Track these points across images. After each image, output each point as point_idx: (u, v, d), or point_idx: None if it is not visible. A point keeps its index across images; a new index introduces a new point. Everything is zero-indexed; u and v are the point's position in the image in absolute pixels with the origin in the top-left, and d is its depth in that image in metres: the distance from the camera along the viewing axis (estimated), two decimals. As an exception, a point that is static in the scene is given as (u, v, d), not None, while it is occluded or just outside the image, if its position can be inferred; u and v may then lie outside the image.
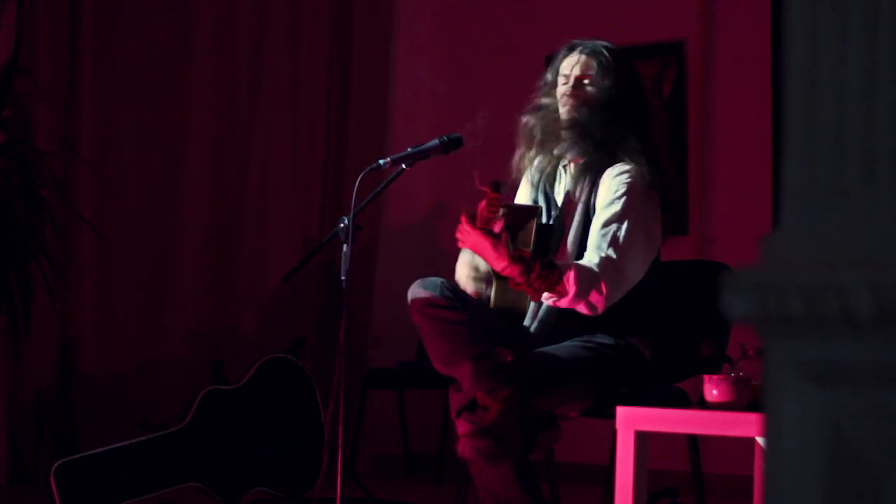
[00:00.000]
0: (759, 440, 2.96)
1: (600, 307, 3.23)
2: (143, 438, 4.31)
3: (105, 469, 4.21)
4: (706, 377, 2.94)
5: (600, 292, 3.20)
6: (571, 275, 3.17)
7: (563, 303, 3.21)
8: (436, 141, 3.41)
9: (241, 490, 4.51)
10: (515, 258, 3.15)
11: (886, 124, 0.99)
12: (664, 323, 3.50)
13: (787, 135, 1.05)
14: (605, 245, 3.25)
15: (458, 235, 3.22)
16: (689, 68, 5.71)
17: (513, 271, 3.15)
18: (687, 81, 5.71)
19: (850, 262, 0.98)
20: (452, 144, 3.41)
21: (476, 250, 3.23)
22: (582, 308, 3.22)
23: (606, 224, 3.28)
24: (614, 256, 3.23)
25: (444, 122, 4.45)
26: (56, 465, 4.15)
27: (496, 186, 3.19)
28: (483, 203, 3.19)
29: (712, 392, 2.91)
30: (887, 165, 1.00)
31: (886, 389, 0.97)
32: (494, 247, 3.15)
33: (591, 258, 3.25)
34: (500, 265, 3.17)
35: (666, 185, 3.43)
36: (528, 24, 6.15)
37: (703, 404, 2.95)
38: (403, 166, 3.42)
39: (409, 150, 3.42)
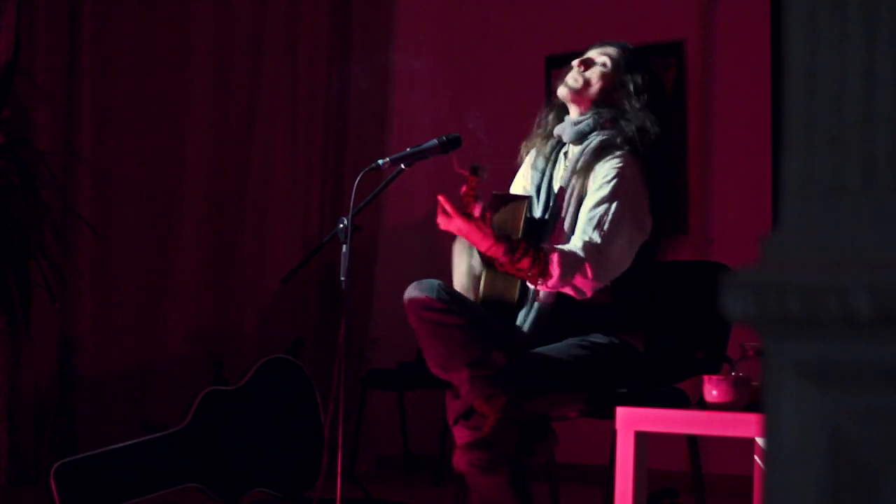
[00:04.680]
0: (759, 440, 2.96)
1: (588, 291, 3.25)
2: (143, 439, 4.31)
3: (105, 469, 4.21)
4: (706, 377, 2.94)
5: (585, 276, 3.22)
6: (555, 257, 3.19)
7: (550, 285, 3.22)
8: (435, 141, 3.41)
9: (241, 490, 4.51)
10: (500, 237, 3.18)
11: (886, 124, 0.99)
12: (657, 316, 3.50)
13: (786, 134, 1.05)
14: (590, 229, 3.27)
15: (440, 220, 3.23)
16: (689, 68, 5.71)
17: (497, 251, 3.19)
18: (687, 82, 5.71)
19: (850, 262, 0.98)
20: (451, 144, 3.41)
21: (461, 233, 3.24)
22: (569, 291, 3.25)
23: (593, 208, 3.29)
24: (598, 241, 3.25)
25: (443, 122, 4.45)
26: (56, 465, 4.15)
27: (475, 170, 3.22)
28: (464, 187, 3.22)
29: (712, 392, 2.91)
30: (887, 166, 0.99)
31: (886, 389, 0.97)
32: (479, 227, 3.18)
33: (575, 243, 3.27)
34: (485, 245, 3.20)
35: (664, 174, 3.41)
36: (529, 25, 6.15)
37: (702, 405, 2.95)
38: (402, 166, 3.41)
39: (408, 150, 3.41)
